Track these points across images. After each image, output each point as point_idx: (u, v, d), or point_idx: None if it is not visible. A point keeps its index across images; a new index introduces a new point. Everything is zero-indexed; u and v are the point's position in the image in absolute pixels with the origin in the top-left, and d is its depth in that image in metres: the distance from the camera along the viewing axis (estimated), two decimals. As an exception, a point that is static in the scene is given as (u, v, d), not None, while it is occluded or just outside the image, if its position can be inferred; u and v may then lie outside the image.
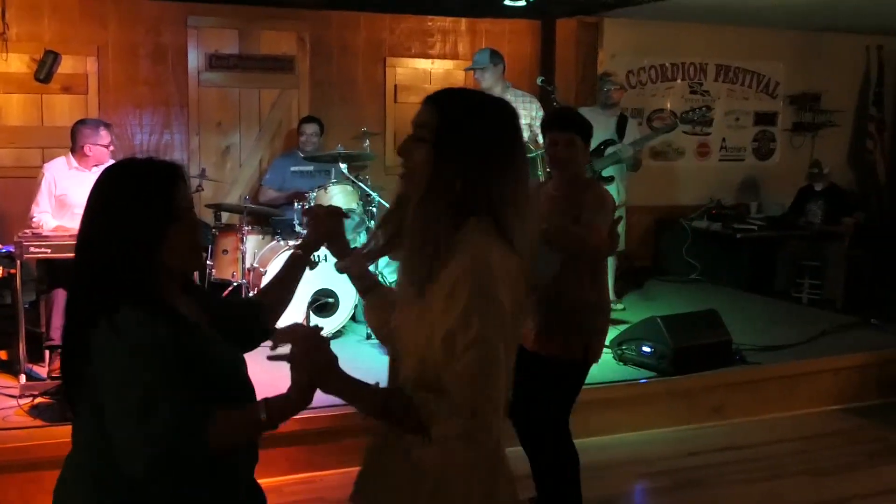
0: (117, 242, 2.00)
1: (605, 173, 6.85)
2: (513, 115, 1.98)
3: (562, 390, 3.90)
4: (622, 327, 6.25)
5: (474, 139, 1.89)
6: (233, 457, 2.10)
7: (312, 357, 1.84)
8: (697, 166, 9.60)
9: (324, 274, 6.20)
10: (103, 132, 5.87)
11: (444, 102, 1.95)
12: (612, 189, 6.25)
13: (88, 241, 2.05)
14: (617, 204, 6.10)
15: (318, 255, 2.71)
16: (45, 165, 5.95)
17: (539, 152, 6.50)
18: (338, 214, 2.40)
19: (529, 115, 6.65)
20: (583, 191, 3.85)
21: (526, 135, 6.63)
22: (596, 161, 7.01)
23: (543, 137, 4.01)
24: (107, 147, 5.86)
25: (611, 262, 7.41)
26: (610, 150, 7.02)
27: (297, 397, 1.91)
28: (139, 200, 2.01)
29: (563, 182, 3.90)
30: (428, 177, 1.89)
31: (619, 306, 7.39)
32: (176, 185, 2.06)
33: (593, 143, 7.00)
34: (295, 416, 2.00)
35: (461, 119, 1.91)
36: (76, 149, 5.87)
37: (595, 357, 3.89)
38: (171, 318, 2.00)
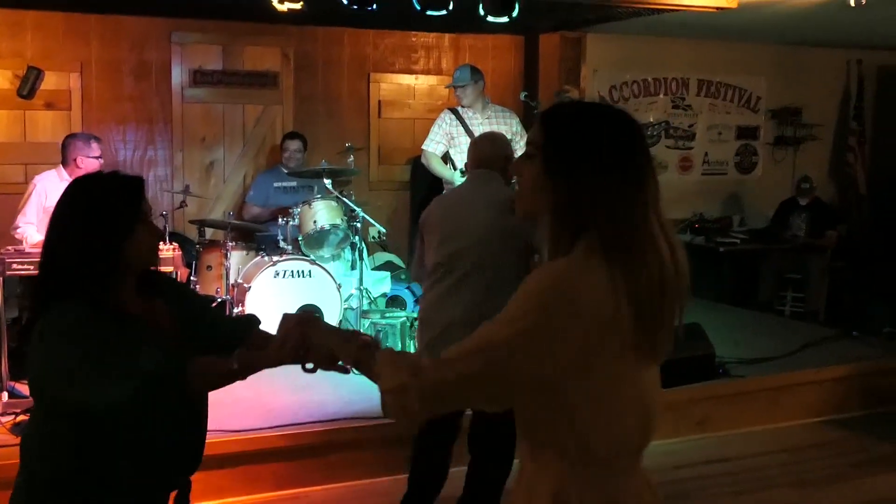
0: (88, 242, 2.20)
1: None
2: (628, 128, 1.86)
3: None
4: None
5: (579, 154, 1.81)
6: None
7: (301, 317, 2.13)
8: (680, 180, 9.64)
9: (308, 289, 6.21)
10: (94, 145, 5.91)
11: (552, 117, 1.89)
12: None
13: (57, 242, 2.24)
14: None
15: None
16: (37, 177, 5.97)
17: None
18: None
19: (510, 130, 6.67)
20: None
21: None
22: None
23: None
24: (97, 159, 5.89)
25: None
26: None
27: (272, 352, 2.15)
28: (111, 204, 2.24)
29: None
30: (539, 194, 1.85)
31: None
32: (142, 193, 2.32)
33: None
34: (280, 433, 2.09)
35: (567, 133, 1.84)
36: (68, 162, 5.89)
37: None
38: (111, 312, 2.19)
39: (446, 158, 6.83)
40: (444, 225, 3.93)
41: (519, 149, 6.69)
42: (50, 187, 5.84)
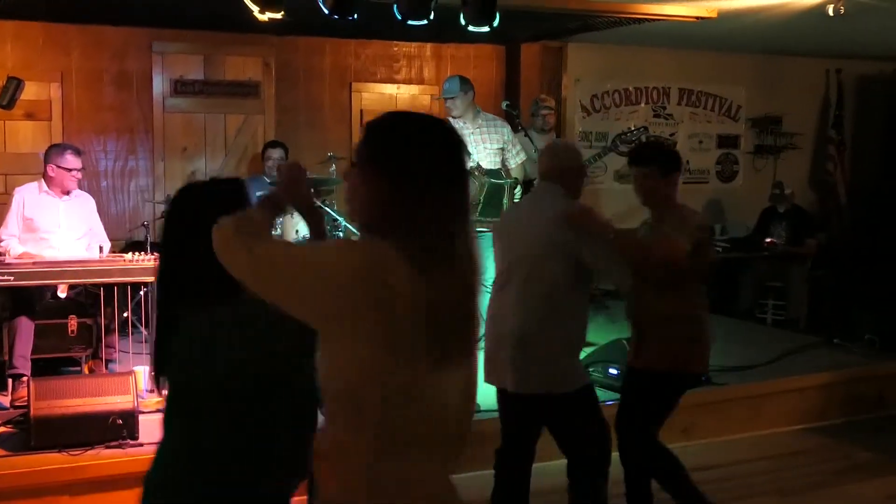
0: (207, 252, 2.22)
1: None
2: (444, 141, 1.96)
3: (652, 401, 4.14)
4: (589, 349, 6.28)
5: (392, 164, 1.89)
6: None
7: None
8: (662, 189, 9.67)
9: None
10: (68, 156, 5.83)
11: (372, 128, 1.98)
12: None
13: (176, 258, 2.41)
14: None
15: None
16: (17, 189, 5.95)
17: (508, 181, 6.53)
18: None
19: (501, 139, 6.64)
20: (668, 215, 4.08)
21: (498, 159, 6.65)
22: None
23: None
24: (69, 171, 5.80)
25: None
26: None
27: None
28: (220, 210, 2.28)
29: (654, 214, 4.19)
30: (358, 201, 1.95)
31: None
32: (245, 194, 2.51)
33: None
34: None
35: (383, 144, 1.93)
36: (44, 170, 5.86)
37: (693, 367, 4.13)
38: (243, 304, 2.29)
39: None
40: (503, 236, 4.01)
41: (510, 157, 6.71)
42: (28, 198, 5.81)
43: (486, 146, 6.60)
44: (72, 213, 5.94)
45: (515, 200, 6.62)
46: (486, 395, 5.51)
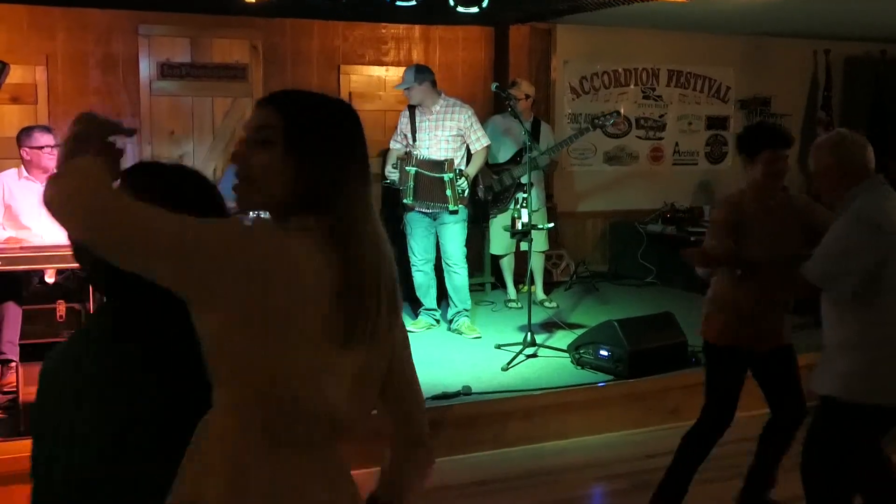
0: None
1: (524, 180, 6.87)
2: (356, 120, 1.91)
3: None
4: (579, 331, 6.30)
5: (322, 139, 1.82)
6: None
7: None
8: (651, 170, 9.69)
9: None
10: (36, 134, 5.78)
11: (288, 103, 1.90)
12: (533, 194, 6.50)
13: None
14: (534, 208, 6.40)
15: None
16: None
17: (448, 175, 6.54)
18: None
19: (457, 125, 6.68)
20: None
21: (453, 146, 6.70)
22: (514, 169, 7.13)
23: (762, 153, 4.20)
24: (41, 149, 5.75)
25: (537, 259, 7.53)
26: (526, 157, 7.07)
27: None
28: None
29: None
30: (277, 180, 1.80)
31: (553, 304, 7.74)
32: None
33: (510, 153, 7.26)
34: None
35: (308, 119, 1.85)
36: (21, 157, 5.84)
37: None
38: None
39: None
40: None
41: (472, 142, 6.75)
42: (8, 182, 5.80)
43: (438, 133, 6.68)
44: (55, 200, 5.90)
45: (459, 191, 6.63)
46: (478, 378, 5.53)
